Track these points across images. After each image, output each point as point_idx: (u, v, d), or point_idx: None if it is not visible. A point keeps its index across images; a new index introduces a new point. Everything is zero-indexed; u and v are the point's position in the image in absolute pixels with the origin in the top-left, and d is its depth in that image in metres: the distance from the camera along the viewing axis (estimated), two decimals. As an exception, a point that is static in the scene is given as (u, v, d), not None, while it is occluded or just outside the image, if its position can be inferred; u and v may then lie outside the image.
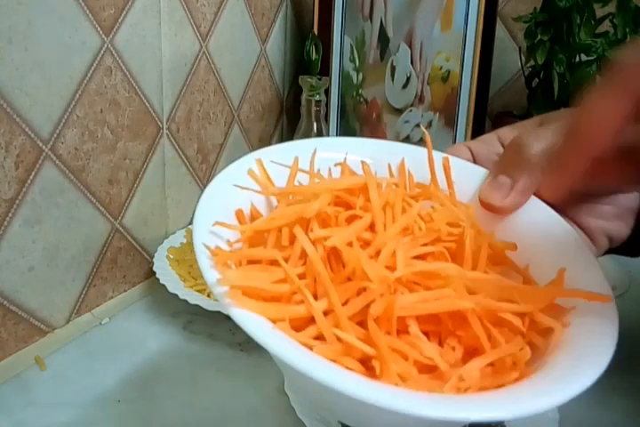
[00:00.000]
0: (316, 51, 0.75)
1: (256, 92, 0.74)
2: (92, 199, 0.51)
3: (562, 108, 0.37)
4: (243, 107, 0.72)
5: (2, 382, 0.44)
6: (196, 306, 0.50)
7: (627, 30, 0.59)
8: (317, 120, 0.71)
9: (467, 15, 0.67)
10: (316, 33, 0.77)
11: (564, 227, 0.30)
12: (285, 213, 0.26)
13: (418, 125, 0.73)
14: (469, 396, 0.21)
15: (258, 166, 0.30)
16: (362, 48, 0.75)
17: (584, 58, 0.62)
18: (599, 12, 0.60)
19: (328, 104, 0.77)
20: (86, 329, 0.52)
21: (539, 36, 0.63)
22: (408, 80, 0.73)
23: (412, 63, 0.72)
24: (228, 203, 0.28)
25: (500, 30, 0.73)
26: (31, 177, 0.44)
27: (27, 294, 0.46)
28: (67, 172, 0.47)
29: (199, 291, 0.53)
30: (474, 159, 0.35)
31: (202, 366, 0.47)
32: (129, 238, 0.56)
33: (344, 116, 0.78)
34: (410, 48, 0.72)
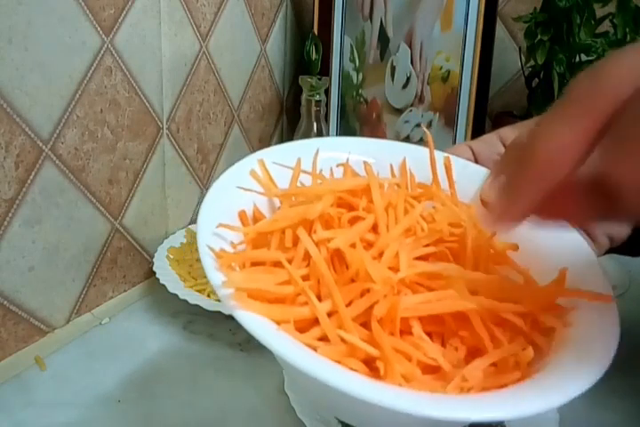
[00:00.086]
0: (316, 51, 0.75)
1: (256, 92, 0.74)
2: (92, 199, 0.51)
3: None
4: (243, 107, 0.72)
5: (2, 382, 0.44)
6: (196, 306, 0.50)
7: (627, 30, 0.59)
8: (317, 120, 0.71)
9: (467, 15, 0.67)
10: (316, 33, 0.77)
11: (564, 227, 0.30)
12: (288, 215, 0.26)
13: (418, 125, 0.73)
14: (471, 396, 0.22)
15: (260, 167, 0.30)
16: (362, 48, 0.75)
17: (584, 58, 0.62)
18: (599, 12, 0.60)
19: (328, 104, 0.77)
20: (86, 329, 0.52)
21: (539, 36, 0.63)
22: (408, 80, 0.73)
23: (412, 63, 0.72)
24: (231, 204, 0.28)
25: (500, 30, 0.73)
26: (31, 177, 0.44)
27: (27, 294, 0.46)
28: (67, 172, 0.47)
29: (199, 291, 0.53)
30: (475, 159, 0.35)
31: (202, 366, 0.47)
32: (129, 238, 0.56)
33: (344, 116, 0.78)
34: (410, 48, 0.72)
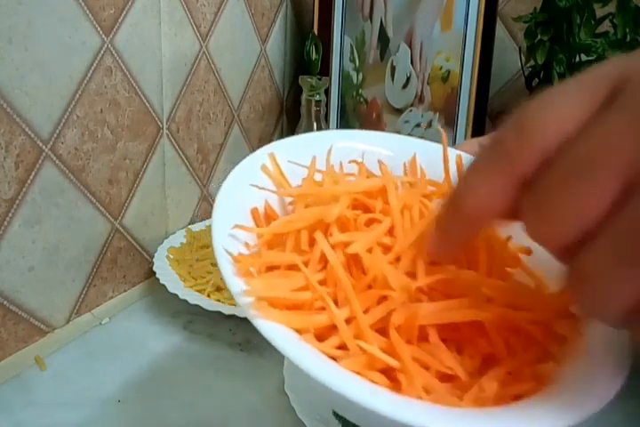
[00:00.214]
0: (316, 51, 0.75)
1: (256, 92, 0.74)
2: (92, 199, 0.51)
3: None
4: (243, 107, 0.72)
5: (2, 382, 0.44)
6: (196, 306, 0.50)
7: (627, 30, 0.59)
8: (317, 120, 0.71)
9: (467, 15, 0.67)
10: (316, 33, 0.77)
11: None
12: (304, 216, 0.26)
13: (418, 125, 0.73)
14: (493, 412, 0.21)
15: (271, 162, 0.29)
16: (362, 48, 0.75)
17: (584, 58, 0.61)
18: (599, 12, 0.60)
19: (328, 104, 0.77)
20: (86, 329, 0.52)
21: (539, 36, 0.63)
22: (408, 80, 0.73)
23: (412, 63, 0.72)
24: (243, 201, 0.27)
25: (500, 30, 0.73)
26: (31, 177, 0.44)
27: (27, 294, 0.46)
28: (67, 172, 0.47)
29: (199, 291, 0.53)
30: None
31: (202, 366, 0.47)
32: (129, 238, 0.56)
33: (344, 116, 0.78)
34: (410, 48, 0.72)
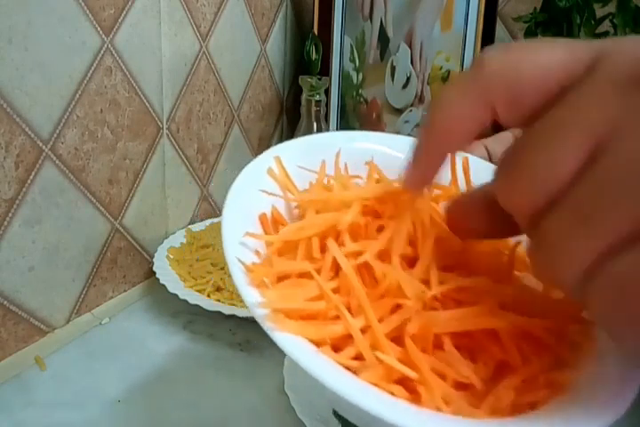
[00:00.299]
0: (316, 51, 0.75)
1: (256, 92, 0.74)
2: (92, 199, 0.51)
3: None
4: (243, 107, 0.72)
5: (2, 382, 0.44)
6: (196, 306, 0.50)
7: (627, 30, 0.59)
8: (317, 120, 0.71)
9: (467, 15, 0.67)
10: (316, 33, 0.77)
11: None
12: (315, 223, 0.26)
13: (418, 125, 0.73)
14: (515, 422, 0.22)
15: (277, 166, 0.29)
16: (362, 48, 0.75)
17: (584, 58, 0.62)
18: (599, 12, 0.60)
19: (328, 104, 0.77)
20: (86, 329, 0.52)
21: (539, 36, 0.63)
22: (408, 80, 0.73)
23: (412, 63, 0.72)
24: (251, 206, 0.27)
25: (500, 30, 0.73)
26: (31, 177, 0.44)
27: (27, 294, 0.46)
28: (67, 172, 0.47)
29: (199, 291, 0.53)
30: (489, 157, 0.35)
31: (202, 366, 0.47)
32: (129, 238, 0.56)
33: (344, 116, 0.78)
34: (410, 48, 0.72)
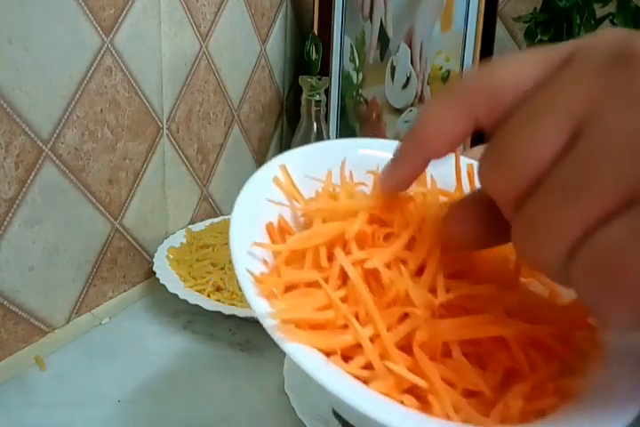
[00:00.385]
0: (316, 51, 0.75)
1: (256, 92, 0.74)
2: (92, 199, 0.51)
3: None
4: (243, 107, 0.72)
5: (2, 382, 0.44)
6: (196, 306, 0.50)
7: (626, 30, 0.59)
8: (317, 120, 0.71)
9: (467, 15, 0.67)
10: (316, 33, 0.77)
11: None
12: (322, 232, 0.26)
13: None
14: None
15: (283, 174, 0.29)
16: (362, 48, 0.75)
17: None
18: (599, 12, 0.60)
19: (328, 104, 0.77)
20: (86, 329, 0.52)
21: (539, 36, 0.63)
22: (408, 80, 0.73)
23: (412, 63, 0.72)
24: (258, 216, 0.28)
25: (500, 30, 0.73)
26: (31, 177, 0.44)
27: (27, 294, 0.46)
28: (67, 172, 0.47)
29: (199, 291, 0.53)
30: None
31: (202, 365, 0.47)
32: (129, 238, 0.56)
33: (344, 116, 0.78)
34: (410, 48, 0.72)
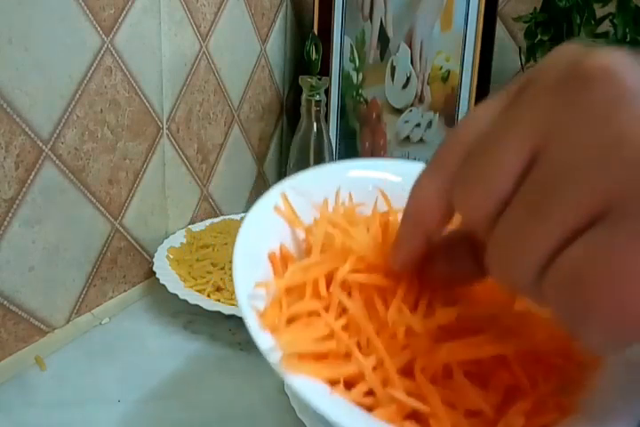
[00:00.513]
0: (316, 51, 0.75)
1: (256, 92, 0.74)
2: (92, 199, 0.51)
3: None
4: (243, 107, 0.72)
5: (2, 382, 0.44)
6: (196, 306, 0.50)
7: (627, 30, 0.59)
8: (317, 120, 0.71)
9: (467, 15, 0.67)
10: (316, 33, 0.77)
11: None
12: (319, 264, 0.27)
13: (418, 125, 0.73)
14: None
15: (284, 203, 0.30)
16: (362, 48, 0.75)
17: (584, 58, 0.62)
18: (599, 12, 0.60)
19: (328, 104, 0.77)
20: (86, 329, 0.52)
21: (539, 36, 0.63)
22: (408, 80, 0.73)
23: (412, 63, 0.72)
24: (260, 246, 0.28)
25: (500, 30, 0.73)
26: (31, 177, 0.44)
27: (27, 294, 0.46)
28: (67, 172, 0.47)
29: (199, 291, 0.53)
30: None
31: (202, 365, 0.47)
32: (129, 238, 0.56)
33: (344, 116, 0.78)
34: (410, 48, 0.72)
